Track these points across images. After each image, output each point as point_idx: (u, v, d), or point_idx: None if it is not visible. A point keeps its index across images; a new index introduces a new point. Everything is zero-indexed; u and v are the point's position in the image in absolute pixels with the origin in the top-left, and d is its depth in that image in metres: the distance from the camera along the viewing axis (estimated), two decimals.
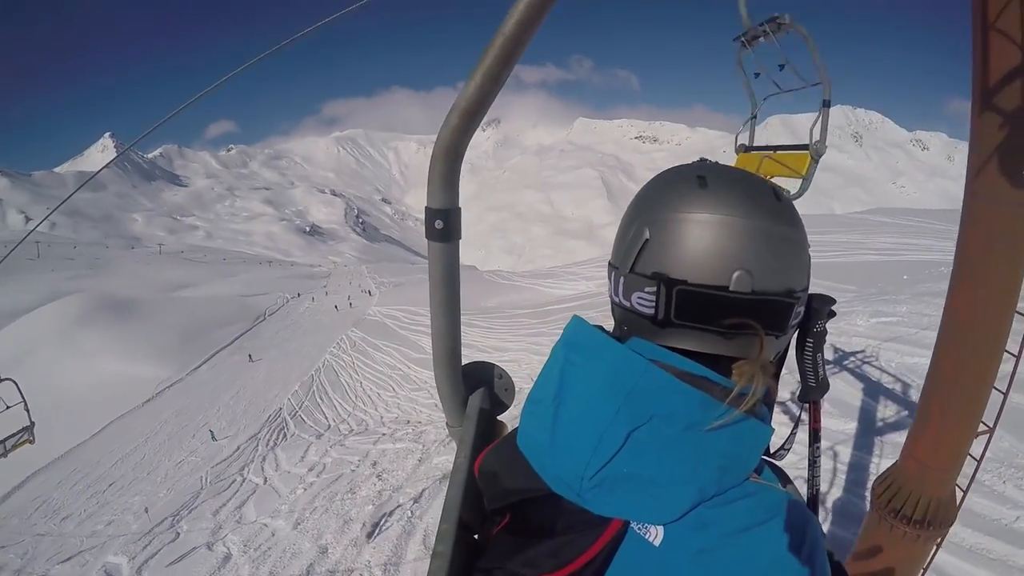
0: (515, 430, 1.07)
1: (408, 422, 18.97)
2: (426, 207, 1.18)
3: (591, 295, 34.56)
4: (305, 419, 25.12)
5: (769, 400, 1.00)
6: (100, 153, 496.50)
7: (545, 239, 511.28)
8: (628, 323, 1.03)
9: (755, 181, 1.01)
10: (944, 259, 22.90)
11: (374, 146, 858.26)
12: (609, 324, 1.14)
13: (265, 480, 16.89)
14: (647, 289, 0.96)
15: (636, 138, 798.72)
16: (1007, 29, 2.07)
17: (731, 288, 0.92)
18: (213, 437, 25.94)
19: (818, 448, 1.44)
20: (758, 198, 0.96)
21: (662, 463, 0.85)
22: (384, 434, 17.56)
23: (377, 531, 9.53)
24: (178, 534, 15.19)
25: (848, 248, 25.13)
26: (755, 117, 5.77)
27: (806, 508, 0.90)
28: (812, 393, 1.18)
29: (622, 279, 1.01)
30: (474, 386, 1.55)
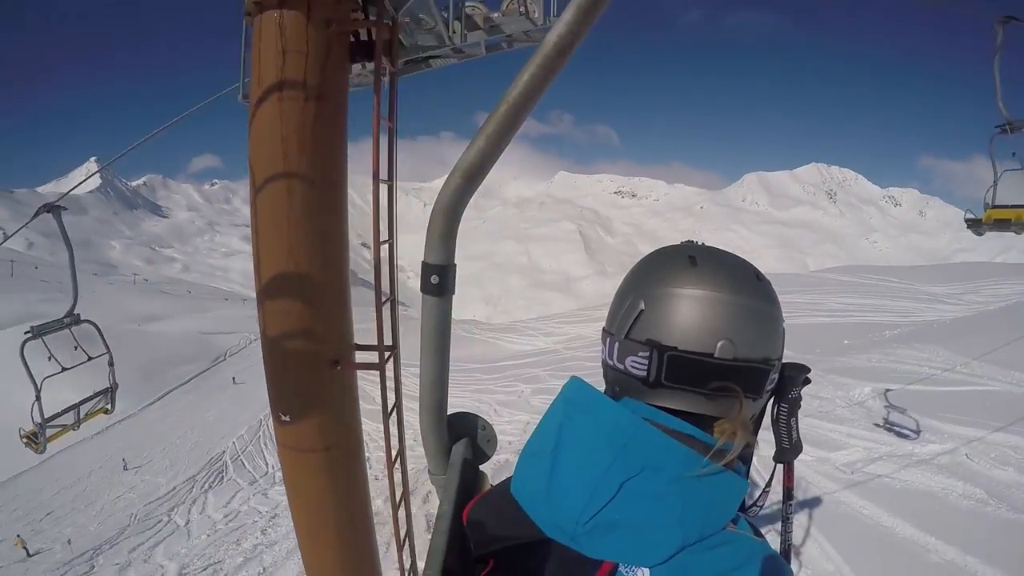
0: (504, 481, 1.17)
1: None
2: (423, 262, 1.27)
3: (544, 352, 35.59)
4: (245, 464, 25.36)
5: (746, 457, 1.13)
6: (83, 176, 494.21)
7: (521, 290, 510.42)
8: (620, 384, 1.14)
9: (739, 262, 1.16)
10: (892, 321, 24.20)
11: (356, 190, 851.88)
12: (558, 382, 1.49)
13: (187, 522, 17.24)
14: (641, 354, 1.08)
15: (615, 193, 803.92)
16: None
17: (716, 355, 1.04)
18: (125, 467, 26.17)
19: (791, 505, 1.52)
20: (742, 278, 1.11)
21: (651, 511, 0.95)
22: None
23: None
24: (92, 567, 15.54)
25: (803, 310, 26.27)
26: (996, 183, 7.46)
27: (779, 557, 0.99)
28: (786, 455, 1.27)
29: (617, 344, 1.14)
30: (457, 436, 1.66)
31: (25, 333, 7.44)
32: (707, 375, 1.04)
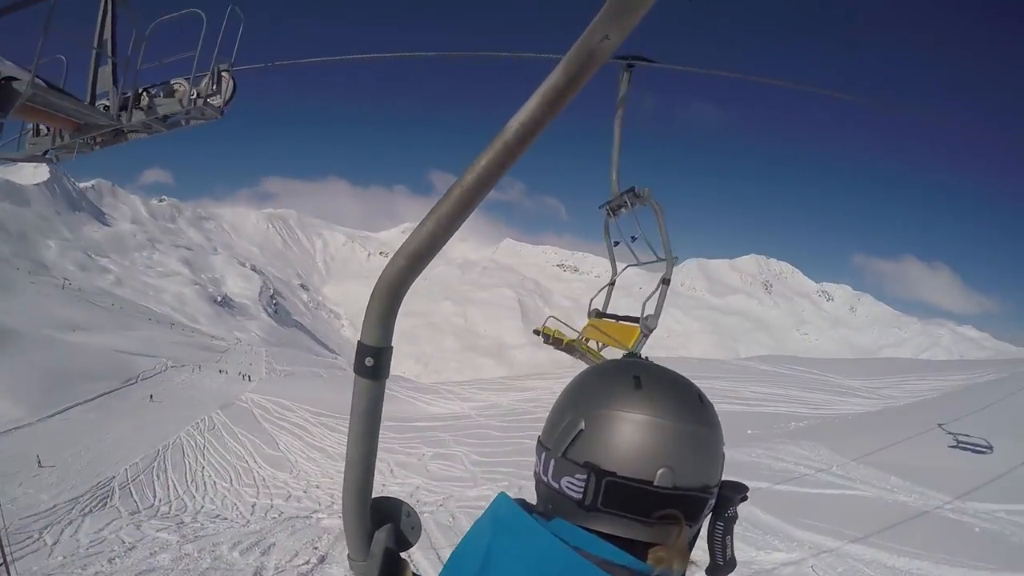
0: None
1: (219, 516, 19.61)
2: (359, 342, 1.23)
3: (458, 417, 36.05)
4: (133, 493, 25.17)
5: None
6: (34, 168, 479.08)
7: (455, 352, 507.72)
8: (553, 503, 1.11)
9: (683, 384, 1.13)
10: (800, 413, 24.79)
11: (304, 230, 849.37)
12: (461, 448, 1.63)
13: (55, 542, 17.16)
14: (578, 476, 1.05)
15: (558, 266, 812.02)
16: None
17: (656, 483, 1.01)
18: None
19: None
20: (684, 402, 1.08)
21: None
22: (182, 523, 18.20)
23: None
24: None
25: (719, 397, 26.99)
26: (613, 284, 7.11)
27: None
28: (720, 571, 1.25)
29: (553, 461, 1.10)
30: (380, 521, 1.59)
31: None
32: (645, 503, 1.03)
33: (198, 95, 6.31)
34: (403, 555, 1.57)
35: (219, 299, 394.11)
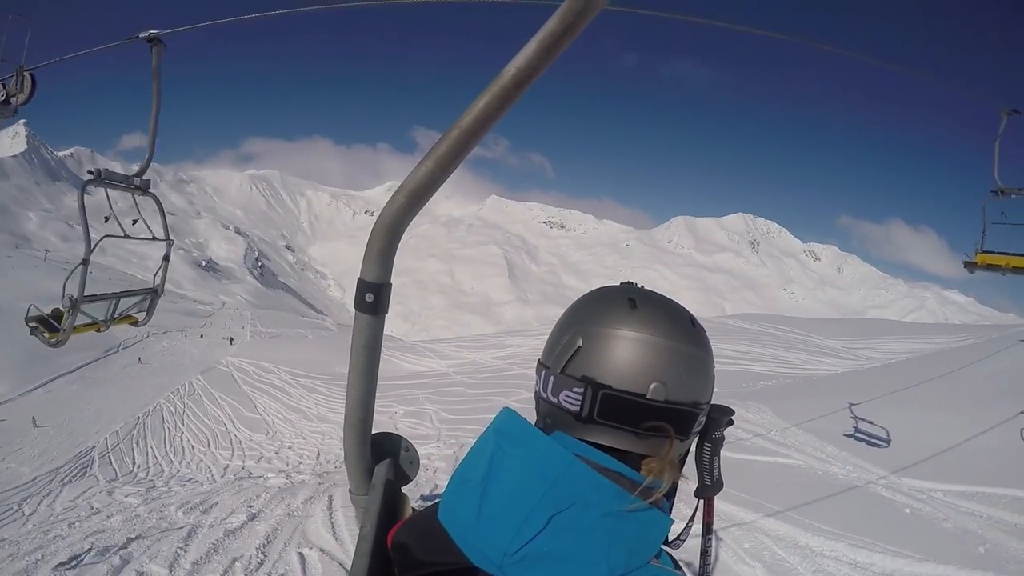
0: (431, 506, 1.17)
1: (190, 480, 20.22)
2: (359, 279, 1.26)
3: (434, 375, 36.25)
4: (112, 461, 25.54)
5: (671, 494, 1.17)
6: (10, 139, 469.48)
7: (442, 310, 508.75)
8: (553, 417, 1.17)
9: (676, 308, 1.19)
10: (771, 372, 24.76)
11: (288, 191, 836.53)
12: (433, 407, 1.73)
13: (32, 512, 17.68)
14: (575, 390, 1.11)
15: (544, 223, 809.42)
16: None
17: (648, 396, 1.07)
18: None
19: (710, 539, 1.56)
20: (677, 323, 1.14)
21: (578, 545, 0.95)
22: (153, 487, 18.79)
23: None
24: None
25: None
26: (985, 234, 9.31)
27: None
28: (708, 491, 1.32)
29: (552, 378, 1.16)
30: (380, 456, 1.61)
31: (89, 173, 7.08)
32: (638, 415, 1.08)
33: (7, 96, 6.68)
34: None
35: (203, 263, 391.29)
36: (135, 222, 7.64)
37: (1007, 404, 12.01)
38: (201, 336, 73.31)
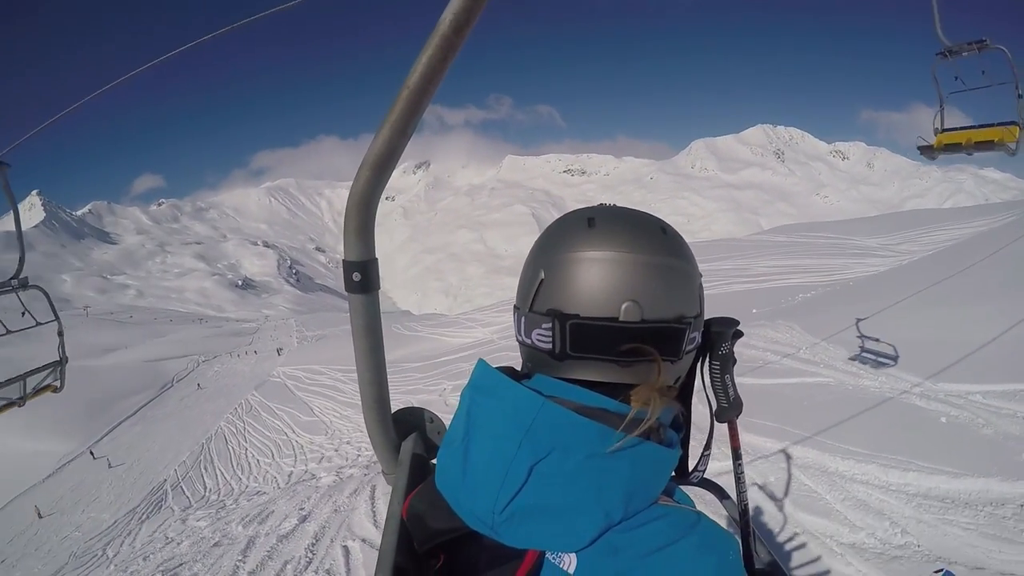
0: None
1: (257, 492, 20.39)
2: (343, 260, 1.23)
3: (481, 344, 35.99)
4: (185, 490, 26.05)
5: (678, 424, 1.12)
6: (27, 212, 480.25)
7: (481, 278, 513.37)
8: (532, 360, 1.11)
9: (641, 218, 1.09)
10: (810, 283, 23.93)
11: (306, 194, 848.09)
12: (512, 361, 1.36)
13: (115, 554, 18.04)
14: (544, 326, 1.04)
15: (564, 172, 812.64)
16: None
17: (621, 318, 0.99)
18: (39, 515, 27.27)
19: (740, 465, 1.51)
20: (643, 234, 1.05)
21: (566, 493, 0.90)
22: (223, 507, 18.97)
23: None
24: None
25: (726, 277, 26.53)
26: (943, 108, 8.30)
27: (718, 526, 0.94)
28: (727, 413, 1.27)
29: (523, 318, 1.10)
30: (405, 432, 1.60)
31: None
32: (615, 340, 1.00)
33: None
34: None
35: (240, 283, 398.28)
36: (23, 314, 7.69)
37: None
38: (246, 352, 74.57)
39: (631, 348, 1.00)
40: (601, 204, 1.15)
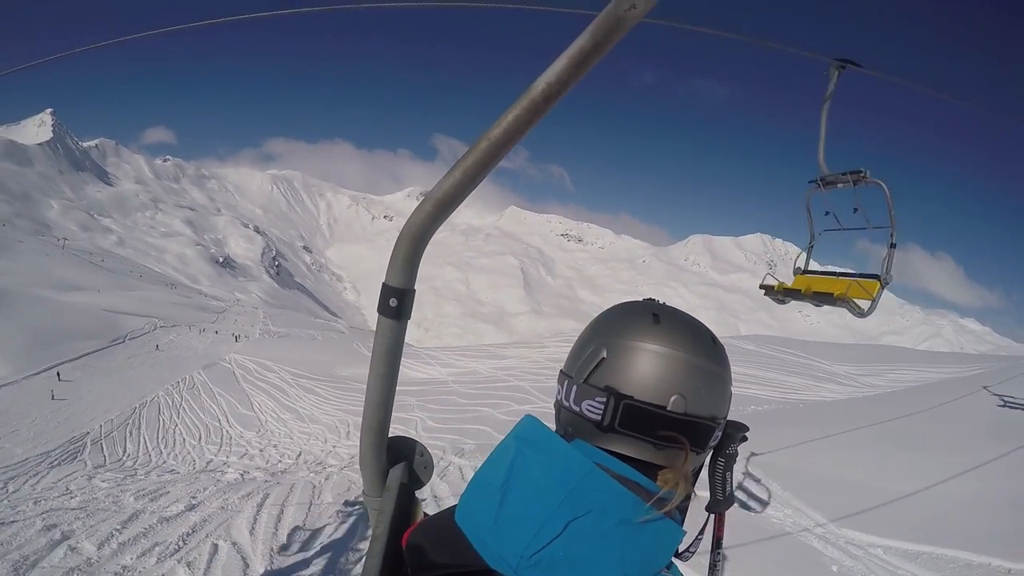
0: (447, 509, 1.17)
1: (171, 471, 20.30)
2: (384, 283, 1.27)
3: (433, 383, 36.37)
4: (104, 448, 25.88)
5: (683, 507, 1.16)
6: (36, 128, 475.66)
7: (456, 317, 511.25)
8: (573, 426, 1.20)
9: (699, 326, 1.23)
10: (764, 397, 24.01)
11: (308, 192, 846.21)
12: (421, 415, 2.00)
13: (12, 492, 17.71)
14: (598, 399, 1.14)
15: (562, 235, 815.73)
16: None
17: (668, 408, 1.11)
18: None
19: (719, 554, 1.59)
20: (700, 341, 1.18)
21: (594, 551, 0.96)
22: (134, 476, 18.89)
23: None
24: None
25: None
26: (812, 247, 7.66)
27: None
28: (719, 505, 1.34)
29: (575, 387, 1.20)
30: (395, 460, 1.63)
31: None
32: (657, 425, 1.11)
33: None
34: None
35: (221, 260, 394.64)
36: None
37: (991, 445, 10.49)
38: (205, 330, 74.34)
39: (669, 435, 1.12)
40: (652, 299, 1.30)
